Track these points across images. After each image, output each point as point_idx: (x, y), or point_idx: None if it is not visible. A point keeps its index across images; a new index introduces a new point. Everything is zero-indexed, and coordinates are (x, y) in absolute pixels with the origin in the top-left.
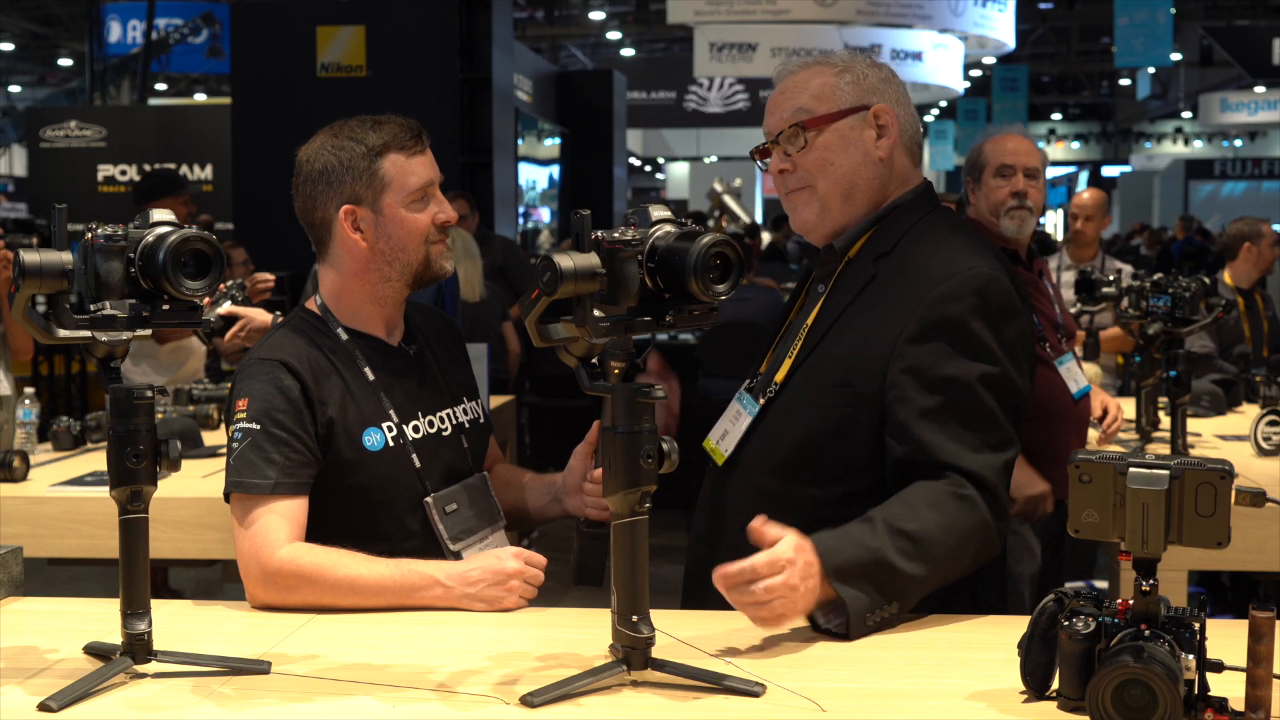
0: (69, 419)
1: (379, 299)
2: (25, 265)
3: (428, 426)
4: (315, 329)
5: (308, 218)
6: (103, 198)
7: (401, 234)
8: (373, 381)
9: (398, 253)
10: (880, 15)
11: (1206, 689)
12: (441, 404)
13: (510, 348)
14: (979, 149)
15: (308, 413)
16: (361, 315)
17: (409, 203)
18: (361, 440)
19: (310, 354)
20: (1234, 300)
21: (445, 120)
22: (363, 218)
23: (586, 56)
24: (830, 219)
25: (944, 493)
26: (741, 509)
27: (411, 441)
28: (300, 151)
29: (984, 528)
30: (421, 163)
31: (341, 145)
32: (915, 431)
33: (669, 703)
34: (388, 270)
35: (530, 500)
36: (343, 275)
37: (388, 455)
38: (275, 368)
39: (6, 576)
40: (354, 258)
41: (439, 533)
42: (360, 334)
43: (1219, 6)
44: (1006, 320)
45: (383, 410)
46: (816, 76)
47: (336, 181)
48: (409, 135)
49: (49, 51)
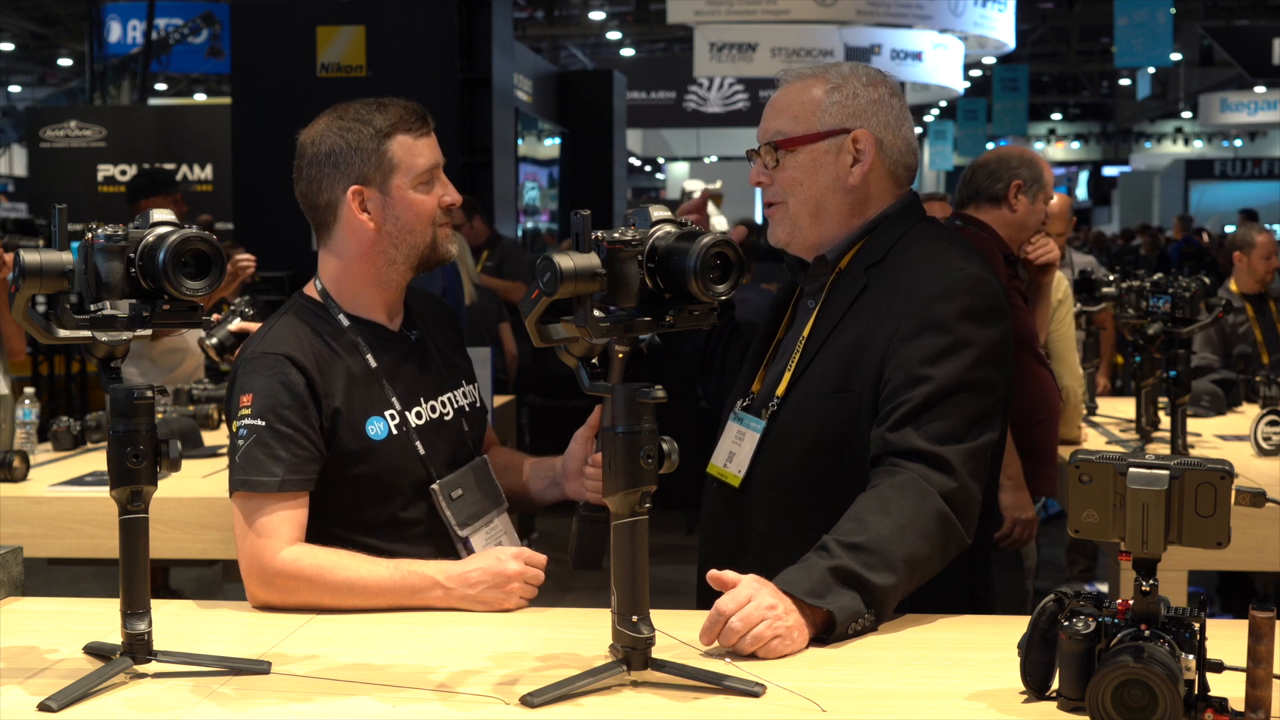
0: (69, 419)
1: (382, 283)
2: (25, 265)
3: (430, 412)
4: (316, 316)
5: (312, 200)
6: (103, 198)
7: (410, 215)
8: (375, 369)
9: (405, 235)
10: (880, 15)
11: (1206, 689)
12: (442, 388)
13: (507, 349)
14: (1039, 167)
15: (313, 407)
16: (363, 300)
17: (416, 184)
18: (365, 429)
19: (314, 344)
20: (1235, 304)
21: (445, 120)
22: (370, 199)
23: (586, 56)
24: (801, 236)
25: (892, 491)
26: (756, 528)
27: (415, 429)
28: (302, 134)
29: (942, 518)
30: (428, 144)
31: (348, 127)
32: (891, 423)
33: (669, 703)
34: (393, 253)
35: (530, 484)
36: (346, 259)
37: (391, 443)
38: (280, 362)
39: (6, 576)
40: (360, 240)
41: (447, 519)
42: (362, 320)
43: (1219, 6)
44: (994, 320)
45: (385, 398)
46: (806, 91)
47: (344, 163)
48: (415, 117)
49: (49, 51)
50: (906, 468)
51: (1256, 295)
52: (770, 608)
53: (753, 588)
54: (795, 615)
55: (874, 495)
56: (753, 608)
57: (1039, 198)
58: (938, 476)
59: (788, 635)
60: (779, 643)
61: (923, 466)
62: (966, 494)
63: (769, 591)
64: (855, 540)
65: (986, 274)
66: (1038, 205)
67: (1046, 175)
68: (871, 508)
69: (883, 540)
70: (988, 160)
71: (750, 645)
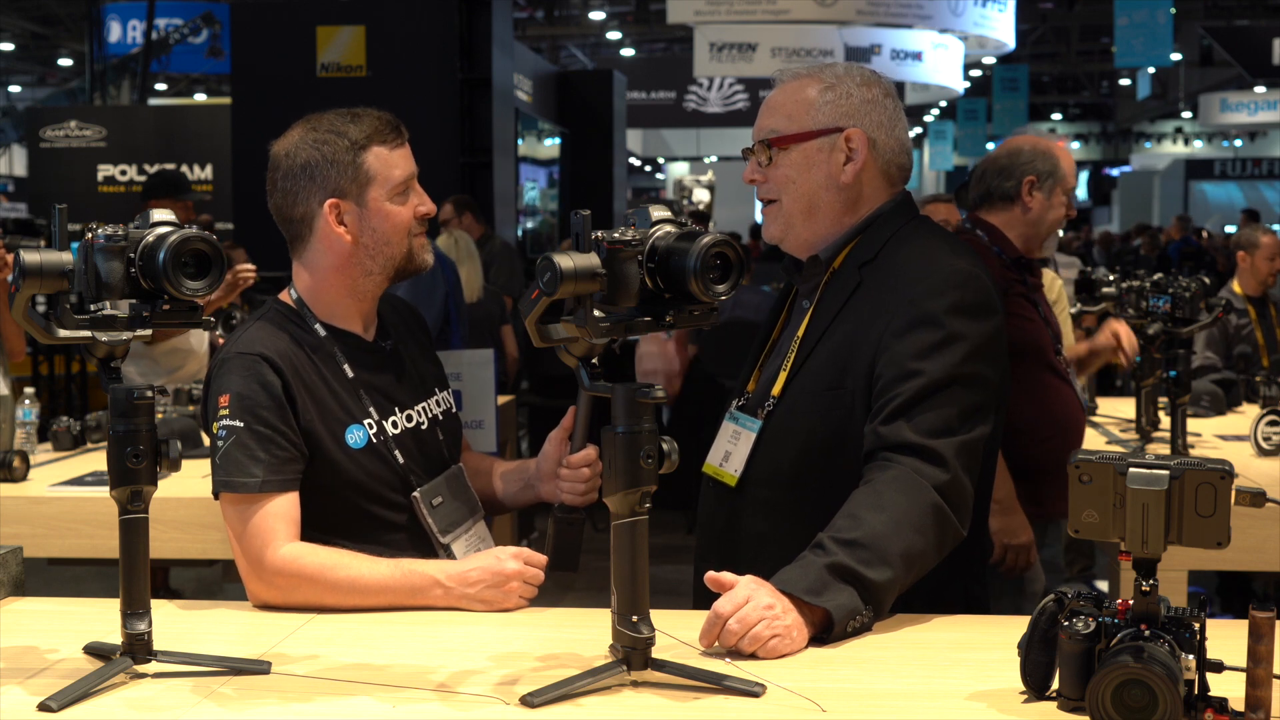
0: (69, 419)
1: (358, 293)
2: (25, 265)
3: (405, 421)
4: (293, 323)
5: (286, 213)
6: (103, 198)
7: (386, 227)
8: (352, 379)
9: (381, 246)
10: (880, 15)
11: (1206, 689)
12: (417, 397)
13: (508, 351)
14: (1054, 158)
15: (289, 408)
16: (339, 311)
17: (392, 196)
18: (344, 438)
19: (290, 350)
20: (1238, 305)
21: (445, 120)
22: (347, 211)
23: (586, 56)
24: (795, 234)
25: (885, 485)
26: (753, 527)
27: (392, 437)
28: (275, 146)
29: (937, 511)
30: (403, 155)
31: (323, 139)
32: (883, 418)
33: (669, 703)
34: (370, 264)
35: (501, 487)
36: (322, 270)
37: (370, 452)
38: (256, 362)
39: (6, 576)
40: (336, 252)
41: (429, 526)
42: (337, 330)
43: (1219, 6)
44: (985, 316)
45: (363, 407)
46: (801, 90)
47: (320, 176)
48: (389, 128)
49: (49, 51)
50: (899, 462)
51: (1259, 298)
52: (768, 607)
53: (750, 588)
54: (793, 614)
55: (868, 491)
56: (750, 608)
57: (1056, 191)
58: (930, 469)
59: (786, 634)
60: (778, 642)
61: (915, 460)
62: (959, 486)
63: (766, 591)
64: (850, 536)
65: (978, 269)
66: (1055, 199)
67: (1064, 164)
68: (866, 503)
69: (878, 535)
70: (998, 156)
71: (749, 646)
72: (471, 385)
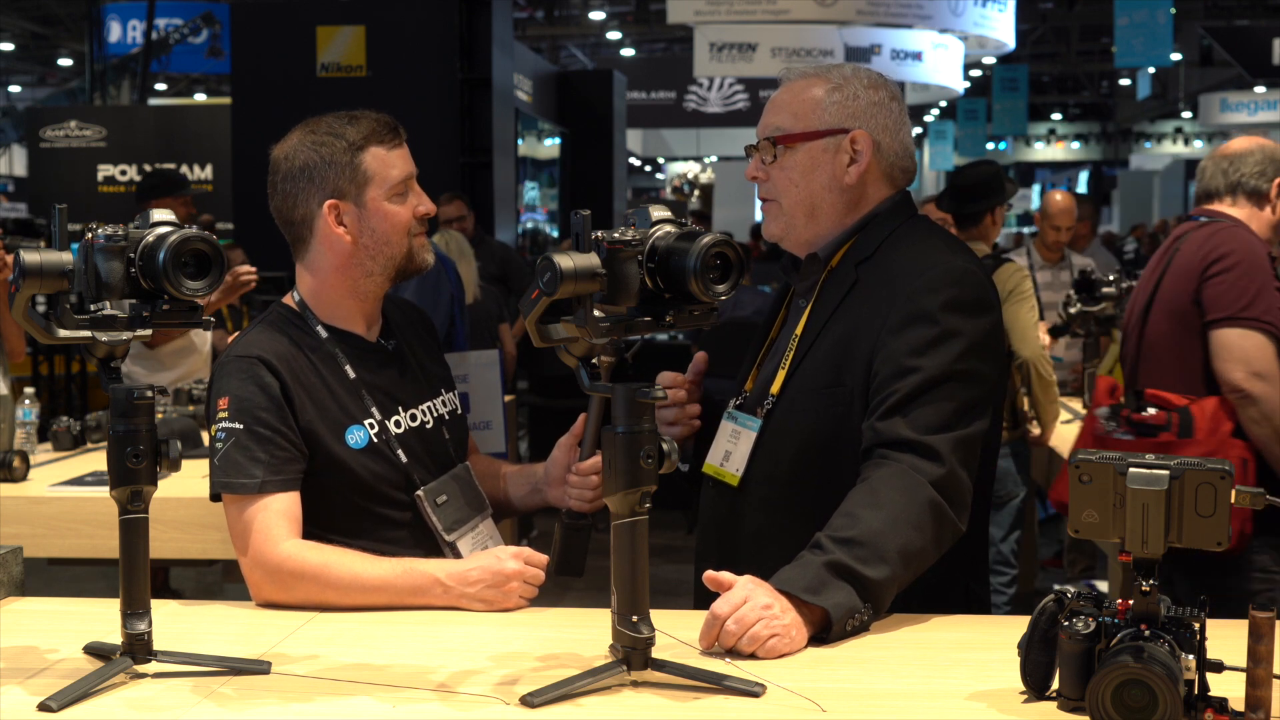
0: (69, 419)
1: (359, 294)
2: (25, 265)
3: (410, 420)
4: (294, 326)
5: (287, 216)
6: (103, 198)
7: (386, 227)
8: (354, 380)
9: (381, 246)
10: (880, 15)
11: (1206, 689)
12: (422, 397)
13: (506, 350)
14: None
15: (288, 409)
16: (340, 312)
17: (391, 196)
18: (344, 438)
19: (290, 352)
20: None
21: (445, 120)
22: (346, 212)
23: (586, 56)
24: (795, 233)
25: (882, 483)
26: (753, 526)
27: (395, 436)
28: (275, 150)
29: (934, 507)
30: (401, 155)
31: (321, 141)
32: (880, 414)
33: (669, 703)
34: (370, 265)
35: (510, 490)
36: (323, 272)
37: (371, 452)
38: (254, 365)
39: (6, 576)
40: (336, 253)
41: (433, 525)
42: (339, 331)
43: (1219, 6)
44: (981, 312)
45: (365, 407)
46: (807, 90)
47: (319, 177)
48: (386, 129)
49: (49, 51)
50: (896, 458)
51: None
52: (766, 607)
53: (748, 588)
54: (792, 614)
55: (865, 488)
56: (748, 609)
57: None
58: (927, 465)
59: (785, 634)
60: (776, 641)
61: (912, 456)
62: (957, 481)
63: (764, 591)
64: (847, 535)
65: (973, 266)
66: None
67: None
68: (863, 501)
69: (875, 533)
70: (1252, 151)
71: (748, 646)
72: (479, 386)
